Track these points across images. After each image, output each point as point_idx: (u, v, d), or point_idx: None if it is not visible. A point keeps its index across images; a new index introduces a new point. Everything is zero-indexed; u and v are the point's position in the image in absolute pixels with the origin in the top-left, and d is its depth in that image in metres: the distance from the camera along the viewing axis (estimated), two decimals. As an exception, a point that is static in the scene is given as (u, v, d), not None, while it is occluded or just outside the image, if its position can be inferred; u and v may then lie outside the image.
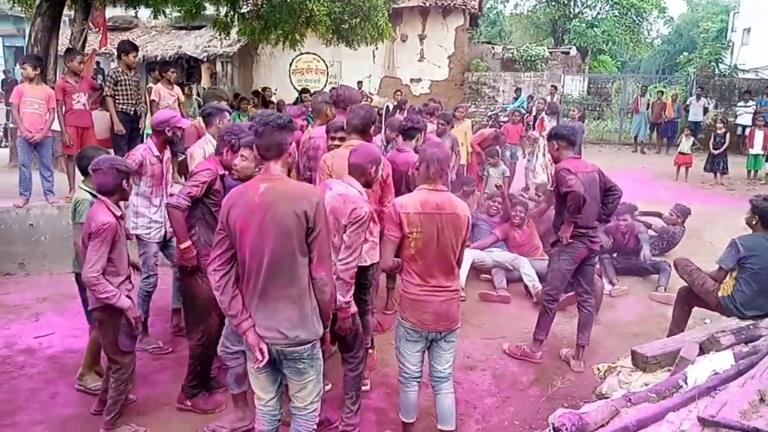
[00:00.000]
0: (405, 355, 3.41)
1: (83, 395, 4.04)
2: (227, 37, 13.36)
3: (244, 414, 3.61)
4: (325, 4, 9.34)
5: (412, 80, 19.26)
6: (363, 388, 3.97)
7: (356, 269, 3.39)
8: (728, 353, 3.37)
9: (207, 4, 10.69)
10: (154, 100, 7.66)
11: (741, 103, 15.45)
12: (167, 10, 10.63)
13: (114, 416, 3.53)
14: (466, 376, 4.48)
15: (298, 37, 10.85)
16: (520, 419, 3.92)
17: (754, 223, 4.42)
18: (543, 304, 4.76)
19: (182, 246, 3.77)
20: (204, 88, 16.43)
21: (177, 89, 7.94)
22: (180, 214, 3.72)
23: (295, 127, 2.95)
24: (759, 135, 12.14)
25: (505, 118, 13.25)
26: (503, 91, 18.82)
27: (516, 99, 17.02)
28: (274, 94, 13.50)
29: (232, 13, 11.01)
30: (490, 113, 17.44)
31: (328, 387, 3.87)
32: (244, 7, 11.19)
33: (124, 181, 3.47)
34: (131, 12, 13.37)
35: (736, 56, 24.73)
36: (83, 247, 3.44)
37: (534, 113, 11.16)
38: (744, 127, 14.22)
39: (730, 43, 27.41)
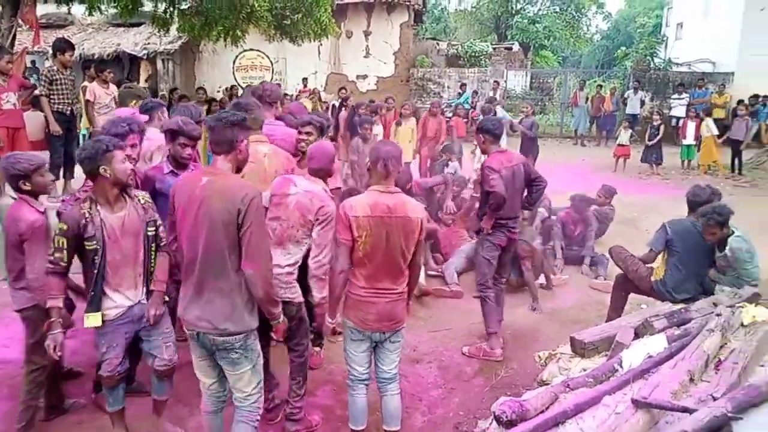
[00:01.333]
0: (351, 356, 3.36)
1: (15, 409, 3.87)
2: (167, 34, 13.03)
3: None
4: (267, 0, 9.22)
5: (358, 77, 19.23)
6: None
7: (328, 266, 3.40)
8: (661, 336, 3.48)
9: (145, 0, 10.41)
10: (89, 100, 7.43)
11: (675, 96, 16.05)
12: (103, 7, 10.29)
13: (26, 425, 3.43)
14: (412, 369, 4.51)
15: (239, 34, 10.67)
16: (465, 409, 3.98)
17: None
18: (480, 295, 4.88)
19: None
20: (144, 87, 16.04)
21: (113, 88, 7.71)
22: None
23: (248, 125, 2.94)
24: (691, 126, 12.67)
25: (451, 114, 13.38)
26: (448, 87, 19.01)
27: (461, 95, 17.23)
28: (222, 91, 13.23)
29: (171, 9, 10.73)
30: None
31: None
32: (184, 3, 10.94)
33: (21, 182, 3.32)
34: (64, 8, 12.87)
35: (671, 50, 25.62)
36: (12, 248, 3.35)
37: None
38: (678, 118, 14.77)
39: (665, 38, 28.37)
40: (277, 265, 3.35)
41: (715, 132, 12.49)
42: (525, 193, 4.86)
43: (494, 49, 21.05)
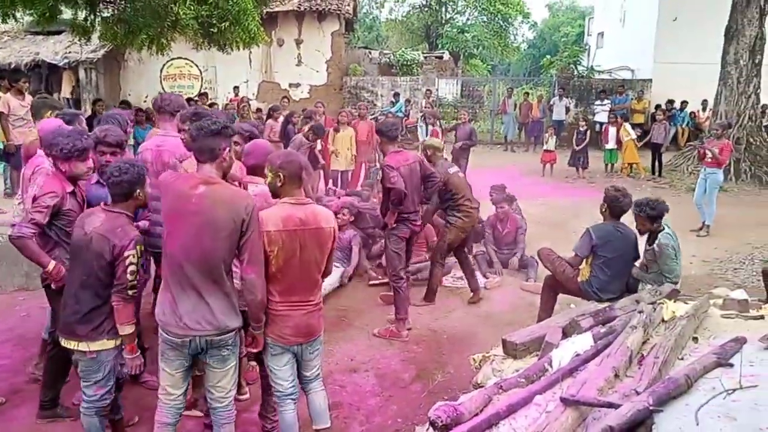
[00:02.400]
0: (275, 371, 3.25)
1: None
2: (88, 43, 12.54)
3: None
4: (192, 8, 8.98)
5: (291, 85, 19.08)
6: (242, 397, 3.95)
7: None
8: (588, 335, 3.59)
9: (63, 8, 9.97)
10: (2, 112, 7.04)
11: (598, 102, 16.72)
12: (18, 14, 9.80)
13: None
14: (350, 379, 4.49)
15: (165, 42, 10.38)
16: (403, 416, 3.99)
17: (603, 210, 4.80)
18: (393, 285, 5.27)
19: (49, 269, 3.47)
20: (66, 98, 15.41)
21: (29, 99, 7.35)
22: (27, 242, 3.43)
23: (230, 133, 3.01)
24: (612, 131, 13.24)
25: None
26: (381, 95, 19.14)
27: (394, 103, 17.37)
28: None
29: (91, 16, 10.34)
30: (370, 117, 17.66)
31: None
32: (105, 10, 10.56)
33: None
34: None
35: (593, 58, 26.70)
36: None
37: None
38: (601, 124, 15.38)
39: (587, 47, 29.57)
40: None
41: (634, 136, 13.13)
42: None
43: (425, 57, 21.36)
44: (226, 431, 3.11)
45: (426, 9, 30.39)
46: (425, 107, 12.42)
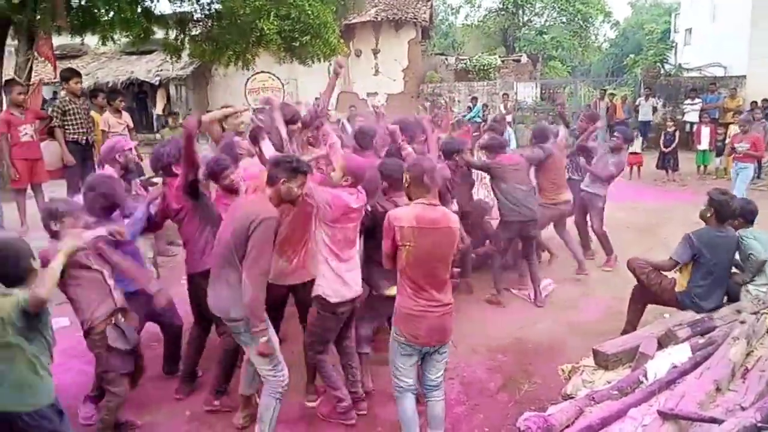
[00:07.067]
0: (400, 369, 3.41)
1: None
2: (178, 60, 13.25)
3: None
4: (275, 23, 9.35)
5: (368, 94, 19.36)
6: (309, 404, 4.15)
7: None
8: (685, 346, 3.44)
9: (156, 28, 10.60)
10: (103, 130, 7.50)
11: (687, 101, 15.89)
12: (115, 36, 10.51)
13: None
14: (434, 387, 4.47)
15: (250, 57, 10.82)
16: (489, 425, 3.93)
17: (708, 215, 4.51)
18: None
19: None
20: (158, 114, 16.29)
21: (126, 116, 7.81)
22: None
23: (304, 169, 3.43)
24: (705, 131, 12.58)
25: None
26: (458, 101, 19.07)
27: (471, 109, 17.25)
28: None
29: (182, 36, 10.95)
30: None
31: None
32: (194, 29, 11.13)
33: None
34: (78, 39, 13.15)
35: (680, 56, 25.53)
36: None
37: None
38: (692, 124, 14.64)
39: (674, 44, 28.27)
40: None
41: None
42: None
43: (503, 61, 21.13)
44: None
45: (503, 12, 30.05)
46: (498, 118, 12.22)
